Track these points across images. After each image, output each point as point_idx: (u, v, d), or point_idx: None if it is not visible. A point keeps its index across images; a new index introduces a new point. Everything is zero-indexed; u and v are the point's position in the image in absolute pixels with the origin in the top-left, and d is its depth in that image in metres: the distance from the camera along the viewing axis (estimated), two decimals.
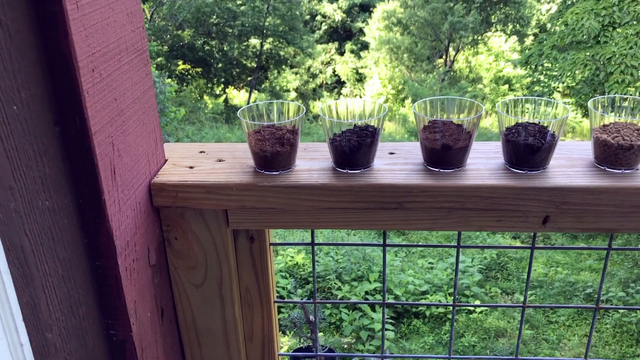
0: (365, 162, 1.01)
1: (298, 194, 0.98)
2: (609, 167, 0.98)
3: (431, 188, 0.97)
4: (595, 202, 0.96)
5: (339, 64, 24.60)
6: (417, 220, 1.01)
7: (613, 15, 6.71)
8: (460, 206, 0.98)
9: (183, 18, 19.74)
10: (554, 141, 0.98)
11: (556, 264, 9.90)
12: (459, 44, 17.06)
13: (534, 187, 0.96)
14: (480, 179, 0.97)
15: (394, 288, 8.52)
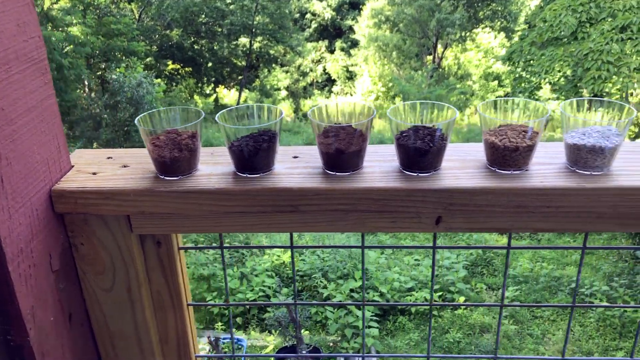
0: (265, 166, 1.03)
1: (196, 199, 1.00)
2: (498, 169, 1.01)
3: (324, 191, 0.99)
4: (483, 202, 0.98)
5: (330, 62, 24.61)
6: (315, 222, 1.03)
7: (590, 12, 6.75)
8: (354, 208, 1.00)
9: (171, 18, 19.72)
10: (444, 143, 1.00)
11: (542, 259, 9.96)
12: (447, 41, 17.10)
13: (422, 189, 0.98)
14: (372, 182, 0.99)
15: (379, 285, 8.55)
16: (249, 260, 9.07)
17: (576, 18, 6.82)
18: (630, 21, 6.29)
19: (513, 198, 0.97)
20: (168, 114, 1.04)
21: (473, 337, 8.01)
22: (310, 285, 8.69)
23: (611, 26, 6.38)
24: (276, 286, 8.27)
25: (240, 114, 1.04)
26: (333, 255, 9.08)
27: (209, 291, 8.62)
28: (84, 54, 14.47)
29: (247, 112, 1.05)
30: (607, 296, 8.50)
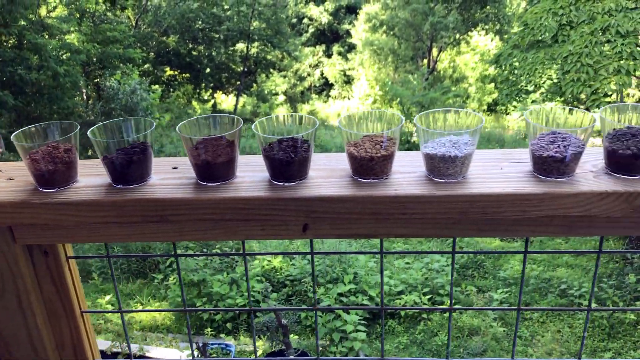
0: (139, 177, 1.07)
1: (69, 210, 1.04)
2: (360, 178, 1.05)
3: (191, 201, 1.03)
4: (343, 210, 1.02)
5: (327, 66, 24.66)
6: (189, 231, 1.07)
7: (570, 15, 6.78)
8: (222, 218, 1.04)
9: (168, 24, 19.82)
10: (307, 154, 1.04)
11: (532, 260, 9.96)
12: (441, 44, 17.14)
13: (284, 198, 1.02)
14: (238, 192, 1.03)
15: (368, 289, 8.57)
16: (240, 265, 9.11)
17: (557, 21, 6.85)
18: (608, 24, 6.32)
19: (370, 206, 1.01)
20: (46, 128, 1.08)
21: (462, 340, 8.02)
22: (300, 290, 8.71)
23: (590, 29, 6.41)
24: (264, 291, 8.30)
25: (113, 127, 1.08)
26: (323, 259, 9.11)
27: (199, 297, 8.66)
28: (80, 61, 14.57)
29: (123, 125, 1.09)
30: (596, 297, 8.49)
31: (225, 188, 1.05)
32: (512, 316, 8.36)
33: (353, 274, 8.81)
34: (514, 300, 8.79)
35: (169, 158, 1.16)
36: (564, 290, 8.78)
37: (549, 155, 0.99)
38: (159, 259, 9.77)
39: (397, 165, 1.09)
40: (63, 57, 15.47)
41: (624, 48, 6.17)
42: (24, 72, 13.67)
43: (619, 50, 6.20)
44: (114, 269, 10.06)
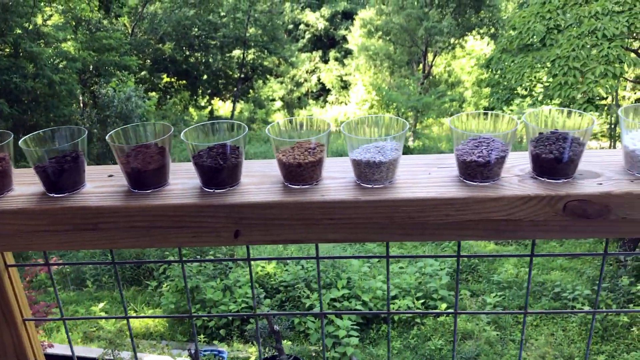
0: (72, 185, 1.08)
1: (1, 219, 1.05)
2: (290, 184, 1.05)
3: (120, 209, 1.03)
4: (271, 216, 1.02)
5: (324, 72, 24.72)
6: (121, 239, 1.07)
7: (557, 19, 6.80)
8: (153, 225, 1.05)
9: (164, 31, 19.88)
10: (238, 160, 1.05)
11: (527, 264, 9.95)
12: (436, 49, 17.18)
13: (212, 205, 1.03)
14: (167, 199, 1.04)
15: (362, 294, 8.56)
16: (234, 271, 9.11)
17: (544, 25, 6.87)
18: (595, 27, 6.33)
19: (298, 211, 1.02)
20: None
21: (455, 344, 8.00)
22: (294, 296, 8.70)
23: (577, 32, 6.42)
24: (257, 297, 8.28)
25: (45, 137, 1.09)
26: (316, 265, 9.10)
27: (193, 303, 8.66)
28: (76, 69, 14.61)
29: (55, 134, 1.10)
30: (589, 300, 8.48)
31: (155, 195, 1.05)
32: (505, 320, 8.35)
33: (347, 279, 8.81)
34: (507, 304, 8.78)
35: (106, 166, 1.17)
36: (557, 294, 8.77)
37: (472, 160, 1.00)
38: (153, 266, 9.77)
39: (330, 171, 1.10)
40: (59, 66, 15.52)
41: (610, 51, 6.19)
42: (20, 80, 13.71)
43: (605, 53, 6.22)
44: (109, 276, 10.06)
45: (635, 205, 0.97)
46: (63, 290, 9.76)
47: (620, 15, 6.34)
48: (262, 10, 20.50)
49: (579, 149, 1.00)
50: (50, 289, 9.42)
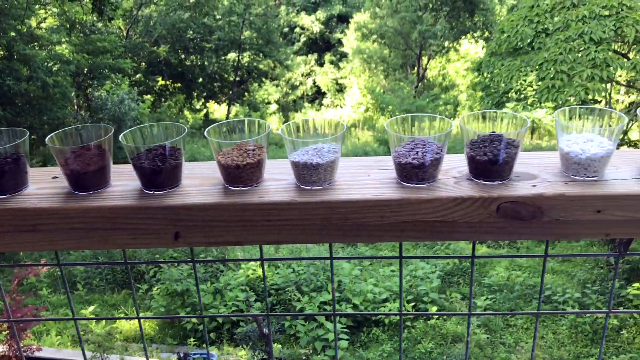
0: (13, 187, 1.08)
1: None
2: (230, 185, 1.06)
3: (59, 211, 1.04)
4: (209, 218, 1.03)
5: (319, 75, 24.76)
6: (60, 240, 1.07)
7: (545, 22, 6.83)
8: (92, 227, 1.05)
9: (159, 34, 19.89)
10: (177, 162, 1.05)
11: (518, 267, 9.96)
12: (430, 53, 17.22)
13: (150, 207, 1.03)
14: (106, 201, 1.04)
15: (352, 297, 8.56)
16: (225, 275, 9.10)
17: (533, 29, 6.90)
18: (582, 31, 6.36)
19: (235, 213, 1.02)
20: None
21: (445, 347, 8.00)
22: (285, 299, 8.70)
23: (565, 36, 6.45)
24: (246, 301, 8.29)
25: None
26: (307, 268, 9.10)
27: (183, 307, 8.65)
28: (70, 72, 14.61)
29: None
30: (579, 303, 8.49)
31: (95, 197, 1.06)
32: (495, 323, 8.35)
33: (337, 282, 8.80)
34: (497, 307, 8.79)
35: (52, 168, 1.17)
36: (548, 297, 8.77)
37: (407, 162, 1.00)
38: (144, 269, 9.75)
39: (273, 173, 1.10)
40: (53, 68, 15.52)
41: (597, 55, 6.22)
42: (13, 83, 13.69)
43: (592, 57, 6.25)
44: (100, 279, 10.04)
45: (568, 207, 0.97)
46: (53, 293, 9.74)
47: (607, 19, 6.37)
48: (257, 13, 20.53)
49: (513, 150, 1.00)
50: (40, 291, 9.40)
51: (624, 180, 1.00)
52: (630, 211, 0.97)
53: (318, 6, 24.65)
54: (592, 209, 0.97)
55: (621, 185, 0.98)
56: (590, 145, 0.99)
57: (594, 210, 0.97)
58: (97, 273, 10.02)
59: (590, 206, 0.97)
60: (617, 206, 0.97)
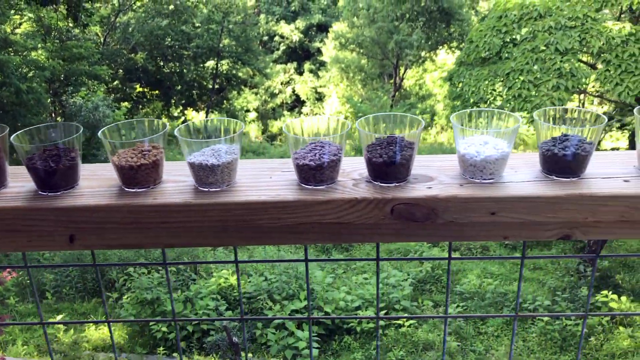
0: None
1: None
2: (126, 187, 1.04)
3: None
4: (104, 220, 1.01)
5: (299, 84, 24.81)
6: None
7: (513, 33, 6.94)
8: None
9: (136, 41, 19.77)
10: (74, 162, 1.03)
11: (490, 274, 10.03)
12: (407, 62, 17.36)
13: (41, 209, 1.00)
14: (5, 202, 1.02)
15: (324, 305, 8.52)
16: (197, 283, 9.01)
17: (500, 39, 7.00)
18: (548, 41, 6.46)
19: (129, 215, 1.00)
20: None
21: (416, 355, 8.00)
22: (256, 308, 8.63)
23: (532, 46, 6.55)
24: (216, 310, 8.21)
25: None
26: (279, 276, 9.05)
27: (153, 315, 8.53)
28: (45, 78, 14.43)
29: None
30: (549, 310, 8.56)
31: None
32: (466, 331, 8.37)
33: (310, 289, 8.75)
34: (468, 314, 8.80)
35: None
36: (519, 304, 8.83)
37: (305, 163, 0.99)
38: (115, 277, 9.62)
39: (174, 174, 1.09)
40: (28, 74, 15.33)
41: (562, 65, 6.32)
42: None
43: (558, 67, 6.35)
44: (70, 288, 9.87)
45: (461, 209, 0.97)
46: (22, 302, 9.54)
47: (572, 30, 6.48)
48: (236, 21, 20.53)
49: (409, 152, 1.00)
50: (7, 300, 9.21)
51: (520, 183, 1.00)
52: (523, 214, 0.97)
53: (297, 15, 24.76)
54: (485, 211, 0.97)
55: (516, 188, 0.98)
56: (486, 147, 0.99)
57: (487, 212, 0.97)
58: (67, 281, 9.85)
59: (483, 208, 0.97)
60: (511, 208, 0.97)
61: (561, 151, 0.98)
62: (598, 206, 0.96)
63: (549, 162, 1.00)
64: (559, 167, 0.99)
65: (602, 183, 0.98)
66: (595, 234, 1.00)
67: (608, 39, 6.27)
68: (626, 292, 9.55)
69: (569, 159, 0.98)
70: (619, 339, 7.96)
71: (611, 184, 0.98)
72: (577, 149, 0.98)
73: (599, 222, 0.98)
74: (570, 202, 0.96)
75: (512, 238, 1.00)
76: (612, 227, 0.99)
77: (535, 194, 0.96)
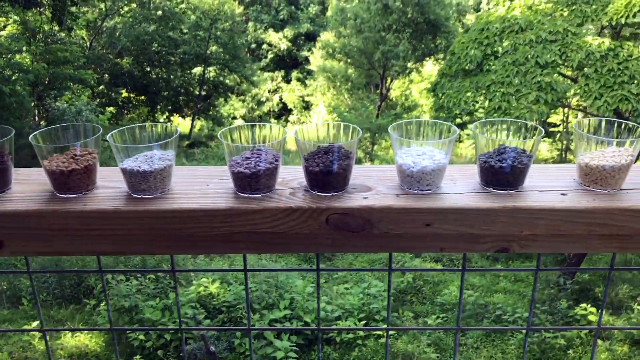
0: None
1: None
2: (58, 193, 1.01)
3: None
4: (33, 225, 0.98)
5: (286, 92, 24.84)
6: None
7: (494, 45, 7.01)
8: None
9: (122, 46, 19.69)
10: (4, 166, 1.00)
11: (471, 286, 10.04)
12: (392, 73, 17.45)
13: None
14: None
15: (304, 315, 8.47)
16: (173, 291, 8.91)
17: (481, 51, 7.06)
18: (529, 54, 6.53)
19: (58, 221, 0.97)
20: None
21: None
22: (235, 317, 8.56)
23: (512, 59, 6.62)
24: (193, 319, 8.12)
25: None
26: (260, 285, 8.98)
27: (131, 323, 8.43)
28: (28, 81, 14.30)
29: None
30: (526, 323, 8.57)
31: None
32: (445, 342, 8.37)
33: (289, 299, 8.71)
34: (449, 325, 8.81)
35: None
36: (499, 316, 8.85)
37: (240, 171, 0.98)
38: (93, 284, 9.51)
39: (109, 180, 1.06)
40: (12, 77, 15.18)
41: (542, 78, 6.38)
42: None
43: (537, 80, 6.41)
44: (47, 294, 9.73)
45: (395, 220, 0.96)
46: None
47: (553, 44, 6.55)
48: (224, 28, 20.53)
49: (346, 162, 0.98)
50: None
51: (457, 195, 0.99)
52: (457, 225, 0.96)
53: (286, 24, 24.82)
54: (421, 222, 0.96)
55: (451, 199, 0.97)
56: (423, 158, 0.98)
57: (423, 224, 0.96)
58: (45, 287, 9.70)
59: (419, 219, 0.96)
60: (445, 220, 0.96)
61: (498, 163, 0.97)
62: (534, 219, 0.95)
63: (487, 174, 0.99)
64: (496, 179, 0.98)
65: (539, 196, 0.97)
66: (533, 247, 0.99)
67: (588, 53, 6.35)
68: (605, 306, 9.61)
69: (507, 171, 0.97)
70: (597, 352, 7.98)
71: (548, 197, 0.97)
72: (514, 161, 0.97)
73: (536, 235, 0.97)
74: (506, 214, 0.95)
75: (449, 250, 0.99)
76: (550, 240, 0.98)
77: (470, 206, 0.95)
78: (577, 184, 1.01)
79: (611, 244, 0.97)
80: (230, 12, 21.29)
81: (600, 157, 0.98)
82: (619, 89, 6.07)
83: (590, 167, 0.98)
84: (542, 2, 7.17)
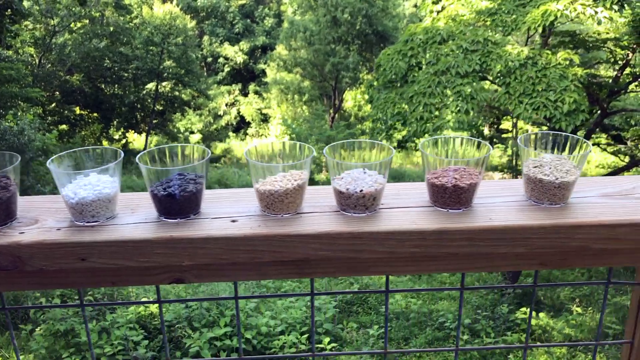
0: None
1: None
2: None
3: None
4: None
5: (243, 105, 24.78)
6: None
7: (418, 57, 7.09)
8: None
9: (72, 63, 19.38)
10: None
11: (416, 295, 10.08)
12: (344, 85, 17.55)
13: None
14: None
15: (245, 332, 8.37)
16: (112, 312, 8.70)
17: (406, 62, 7.14)
18: (450, 65, 6.62)
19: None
20: None
21: None
22: (175, 337, 8.39)
23: (434, 70, 6.69)
24: (125, 342, 7.93)
25: None
26: (200, 303, 8.85)
27: (66, 347, 8.19)
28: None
29: None
30: (470, 329, 8.64)
31: None
32: (391, 357, 8.35)
33: (231, 316, 8.59)
34: (392, 335, 8.82)
35: None
36: (442, 324, 8.89)
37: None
38: (29, 310, 9.22)
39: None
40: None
41: (462, 88, 6.46)
42: None
43: (458, 90, 6.49)
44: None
45: (48, 256, 0.91)
46: None
47: (473, 54, 6.66)
48: (177, 42, 20.40)
49: None
50: None
51: (129, 225, 0.95)
52: (116, 258, 0.92)
53: (242, 37, 24.81)
54: (76, 257, 0.92)
55: (116, 232, 0.93)
56: (85, 189, 0.94)
57: (78, 258, 0.92)
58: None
59: (73, 254, 0.92)
60: (100, 254, 0.92)
61: (161, 192, 0.94)
62: (196, 249, 0.92)
63: (159, 203, 0.96)
64: (164, 208, 0.95)
65: (210, 223, 0.94)
66: (206, 277, 0.96)
67: (507, 62, 6.46)
68: (547, 308, 9.76)
69: (177, 199, 0.94)
70: (536, 354, 8.08)
71: (219, 224, 0.94)
72: (179, 188, 0.94)
73: (208, 265, 0.94)
74: (164, 245, 0.92)
75: (107, 285, 0.95)
76: (225, 268, 0.95)
77: (134, 238, 0.91)
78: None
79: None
80: (182, 27, 21.19)
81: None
82: (537, 96, 6.19)
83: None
84: (465, 14, 7.30)
